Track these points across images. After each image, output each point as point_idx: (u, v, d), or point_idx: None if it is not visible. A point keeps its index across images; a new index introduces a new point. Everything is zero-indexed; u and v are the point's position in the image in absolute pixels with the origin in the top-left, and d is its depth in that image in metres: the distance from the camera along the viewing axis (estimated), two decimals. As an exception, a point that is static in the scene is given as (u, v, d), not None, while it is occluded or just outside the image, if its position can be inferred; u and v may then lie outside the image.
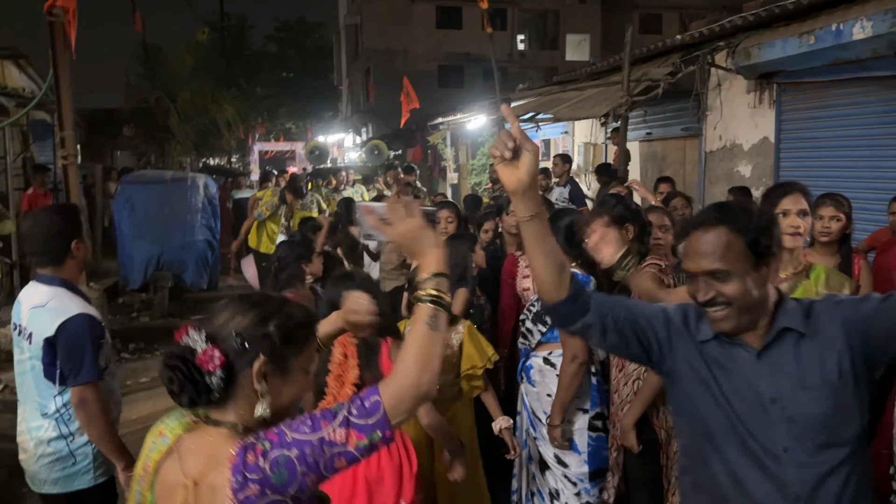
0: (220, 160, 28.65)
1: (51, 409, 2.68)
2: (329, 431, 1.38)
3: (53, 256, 2.72)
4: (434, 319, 1.50)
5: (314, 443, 1.37)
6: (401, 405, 1.43)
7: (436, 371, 1.47)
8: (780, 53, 6.05)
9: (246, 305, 1.52)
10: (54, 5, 6.83)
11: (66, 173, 7.31)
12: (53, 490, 2.73)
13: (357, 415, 1.40)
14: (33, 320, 2.66)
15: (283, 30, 45.16)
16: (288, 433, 1.39)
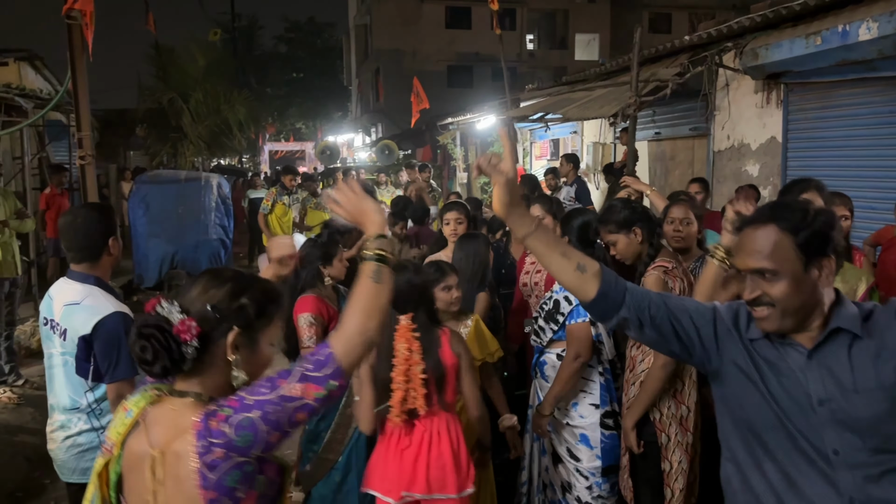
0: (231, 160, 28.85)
1: (83, 403, 2.76)
2: (287, 388, 1.45)
3: (91, 252, 2.77)
4: (377, 273, 1.62)
5: (275, 400, 1.44)
6: (351, 353, 1.53)
7: (380, 319, 1.58)
8: (787, 54, 6.11)
9: (220, 280, 1.59)
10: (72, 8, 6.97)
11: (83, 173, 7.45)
12: (82, 479, 2.77)
13: (312, 368, 1.48)
14: (67, 317, 2.71)
15: (293, 30, 45.34)
16: (247, 397, 1.46)
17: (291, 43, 45.54)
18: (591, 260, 1.84)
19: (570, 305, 3.30)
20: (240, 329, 1.55)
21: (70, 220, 2.81)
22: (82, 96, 7.26)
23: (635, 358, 3.17)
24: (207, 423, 1.44)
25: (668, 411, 3.07)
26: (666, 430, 3.07)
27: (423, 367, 2.80)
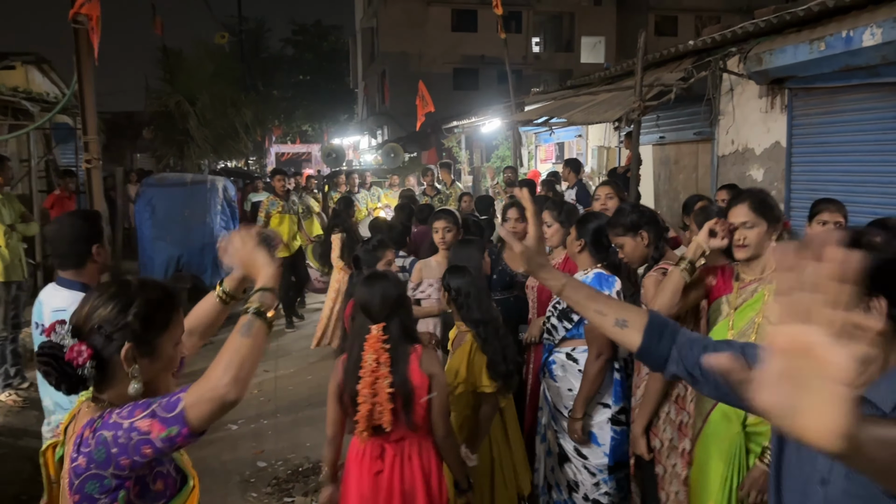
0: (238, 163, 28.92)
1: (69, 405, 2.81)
2: (138, 419, 1.47)
3: (75, 259, 2.84)
4: (247, 327, 1.58)
5: (126, 427, 1.46)
6: (200, 405, 1.47)
7: (243, 377, 1.51)
8: (791, 59, 6.10)
9: (105, 297, 1.62)
10: (79, 13, 7.01)
11: (90, 176, 7.49)
12: None
13: (162, 407, 1.47)
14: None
15: (299, 33, 45.40)
16: (114, 415, 1.49)
17: (298, 46, 45.61)
18: (634, 312, 1.70)
19: None
20: (131, 343, 1.57)
21: (56, 228, 2.90)
22: (88, 100, 7.31)
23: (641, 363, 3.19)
24: (83, 432, 1.50)
25: (665, 416, 3.08)
26: (660, 434, 3.08)
27: (390, 380, 2.67)
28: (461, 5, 33.02)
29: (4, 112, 9.58)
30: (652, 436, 3.10)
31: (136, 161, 17.74)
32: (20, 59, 11.00)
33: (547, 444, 3.59)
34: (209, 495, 4.69)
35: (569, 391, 3.43)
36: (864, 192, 5.80)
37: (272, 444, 5.41)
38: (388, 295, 2.76)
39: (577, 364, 3.45)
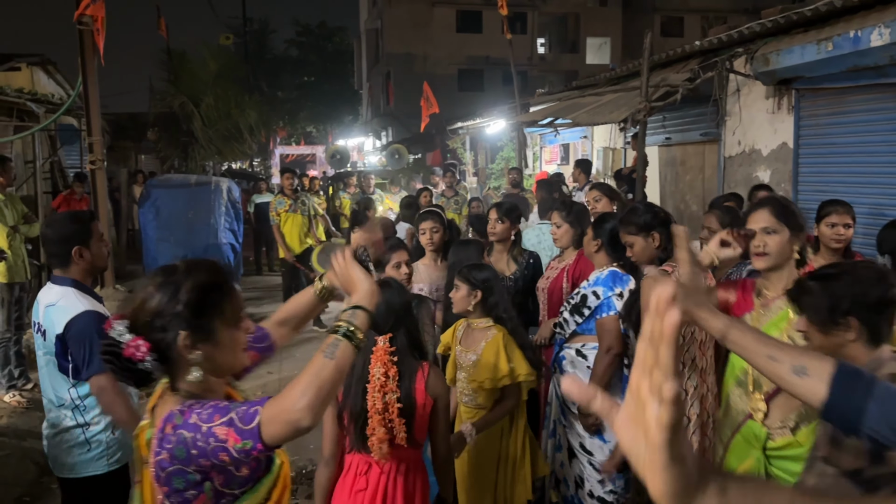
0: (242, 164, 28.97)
1: (67, 399, 2.87)
2: (216, 425, 1.44)
3: (60, 259, 2.93)
4: (332, 348, 1.51)
5: (203, 431, 1.44)
6: (274, 425, 1.43)
7: (319, 400, 1.45)
8: (798, 60, 6.07)
9: (153, 288, 1.57)
10: (84, 14, 7.02)
11: (94, 177, 7.52)
12: (70, 474, 2.93)
13: (239, 418, 1.44)
14: (46, 318, 2.85)
15: (304, 34, 45.48)
16: (194, 415, 1.47)
17: (302, 47, 45.68)
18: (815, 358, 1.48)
19: (597, 300, 3.34)
20: (186, 331, 1.53)
21: (46, 229, 3.03)
22: (93, 101, 7.34)
23: None
24: (164, 426, 1.49)
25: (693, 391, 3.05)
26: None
27: (398, 395, 2.53)
28: (466, 6, 33.02)
29: (10, 113, 9.59)
30: None
31: (141, 162, 17.76)
32: (25, 61, 11.02)
33: (556, 439, 3.58)
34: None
35: None
36: (872, 192, 5.76)
37: (276, 447, 5.38)
38: (392, 303, 2.60)
39: (587, 360, 3.44)
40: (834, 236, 3.68)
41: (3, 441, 5.32)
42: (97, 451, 2.90)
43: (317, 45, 45.24)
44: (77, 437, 2.88)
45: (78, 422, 2.87)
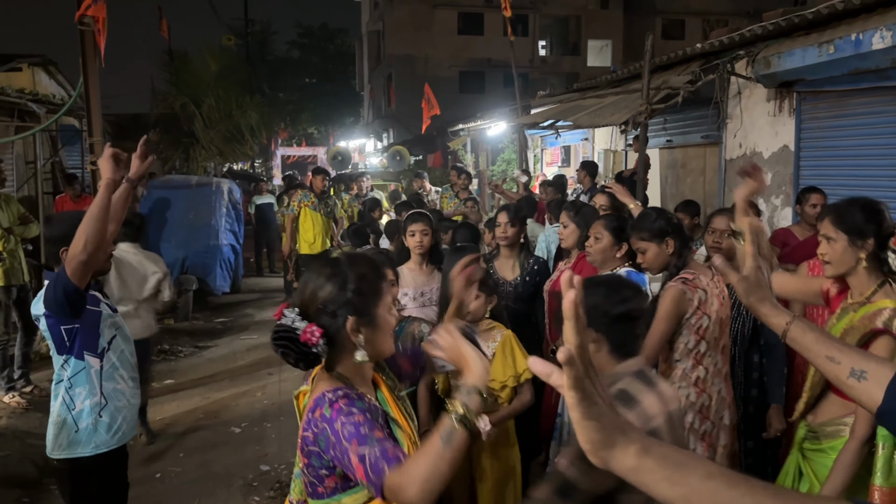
0: (243, 165, 28.97)
1: (63, 377, 3.01)
2: (352, 449, 1.59)
3: (54, 257, 3.08)
4: (449, 435, 1.49)
5: (341, 445, 1.60)
6: (392, 492, 1.53)
7: (432, 487, 1.48)
8: (799, 62, 6.06)
9: (322, 279, 1.75)
10: (85, 14, 7.01)
11: (95, 178, 7.49)
12: (61, 455, 3.02)
13: (371, 462, 1.55)
14: (34, 306, 2.99)
15: (305, 36, 45.53)
16: (338, 422, 1.62)
17: (304, 48, 45.73)
18: (876, 362, 1.46)
19: None
20: (355, 316, 1.71)
21: (43, 229, 3.22)
22: (94, 101, 7.32)
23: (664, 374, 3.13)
24: (315, 408, 1.68)
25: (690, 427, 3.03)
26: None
27: None
28: (467, 8, 33.04)
29: (11, 114, 9.59)
30: None
31: (142, 163, 17.71)
32: (27, 61, 11.02)
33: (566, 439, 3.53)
34: (212, 498, 4.67)
35: None
36: (873, 195, 5.72)
37: (275, 448, 5.38)
38: None
39: None
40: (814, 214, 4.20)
41: (4, 442, 5.32)
42: (84, 435, 3.01)
43: (318, 47, 45.28)
44: (66, 417, 2.99)
45: (66, 402, 2.99)
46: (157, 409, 6.13)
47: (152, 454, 5.31)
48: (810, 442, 2.61)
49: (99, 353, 3.04)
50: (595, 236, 3.62)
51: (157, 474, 5.02)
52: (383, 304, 1.79)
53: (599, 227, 3.66)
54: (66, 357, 2.98)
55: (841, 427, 2.49)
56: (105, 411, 3.04)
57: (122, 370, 3.18)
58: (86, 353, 2.99)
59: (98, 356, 3.04)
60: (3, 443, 5.31)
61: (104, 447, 3.04)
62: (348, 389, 1.72)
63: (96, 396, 3.03)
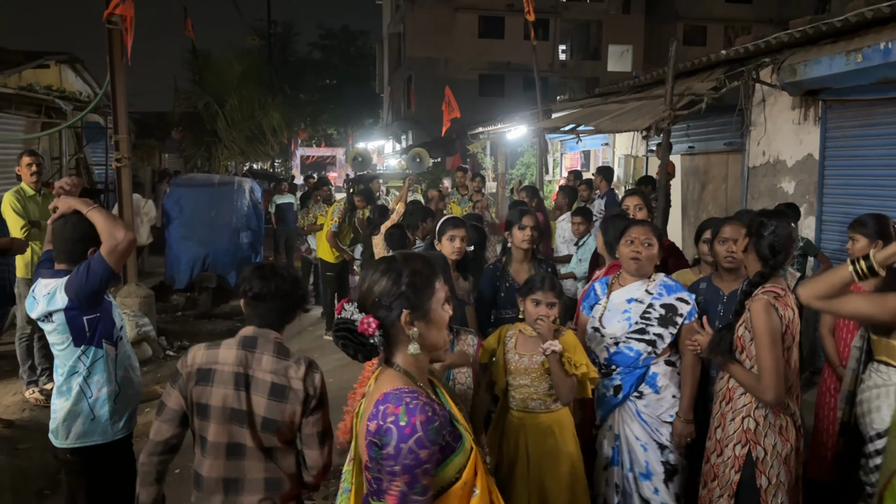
0: (263, 164, 29.16)
1: (79, 367, 3.04)
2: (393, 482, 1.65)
3: (70, 256, 3.07)
4: None
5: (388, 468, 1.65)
6: None
7: None
8: (826, 70, 6.01)
9: (378, 274, 1.83)
10: (113, 13, 7.09)
11: (119, 175, 7.58)
12: (76, 444, 3.06)
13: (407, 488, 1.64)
14: (47, 303, 2.98)
15: (327, 37, 45.79)
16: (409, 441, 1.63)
17: (325, 50, 45.98)
18: None
19: (687, 306, 3.33)
20: (409, 309, 1.78)
21: (61, 225, 3.10)
22: (120, 100, 7.40)
23: (733, 390, 3.03)
24: (385, 401, 1.71)
25: (763, 420, 2.92)
26: (762, 441, 2.91)
27: None
28: (488, 12, 33.07)
29: (38, 110, 9.72)
30: (752, 444, 2.92)
31: (165, 161, 17.91)
32: (54, 59, 11.16)
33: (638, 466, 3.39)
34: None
35: (673, 398, 3.35)
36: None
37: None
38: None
39: (676, 367, 3.39)
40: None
41: (26, 434, 5.39)
42: (100, 422, 3.05)
43: (340, 49, 45.53)
44: (82, 406, 3.03)
45: (83, 391, 3.03)
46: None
47: (172, 450, 5.34)
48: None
49: (114, 341, 3.13)
50: (647, 243, 3.44)
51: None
52: (436, 299, 1.85)
53: (649, 234, 3.47)
54: (84, 347, 3.03)
55: None
56: (119, 399, 3.12)
57: (131, 358, 3.28)
58: (105, 341, 3.07)
59: (114, 344, 3.12)
60: (26, 435, 5.38)
61: (120, 434, 3.12)
62: (417, 390, 1.76)
63: (112, 384, 3.09)
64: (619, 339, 3.41)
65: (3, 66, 8.85)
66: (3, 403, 5.89)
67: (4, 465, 4.85)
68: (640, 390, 3.36)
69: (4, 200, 5.84)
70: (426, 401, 1.71)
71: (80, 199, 3.14)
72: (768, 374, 2.79)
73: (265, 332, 2.54)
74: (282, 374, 2.44)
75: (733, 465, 2.94)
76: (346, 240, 8.66)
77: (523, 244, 4.21)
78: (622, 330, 3.41)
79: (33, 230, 5.94)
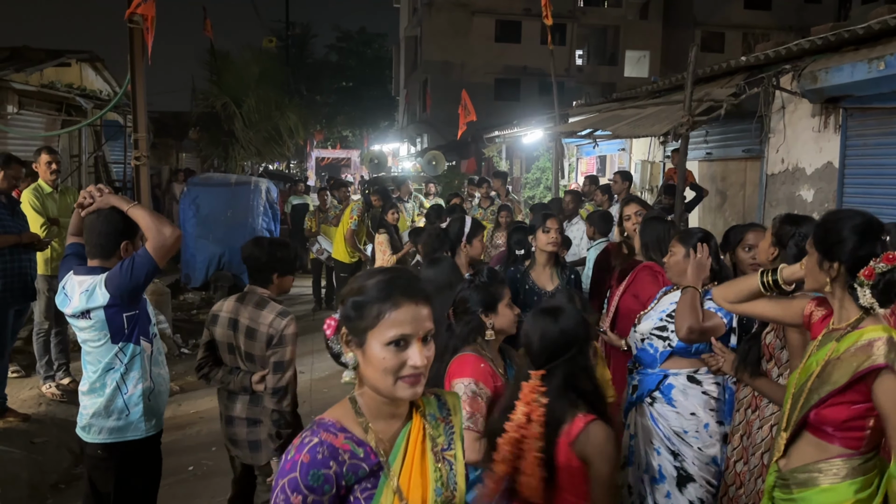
0: (279, 165, 29.29)
1: (116, 364, 3.04)
2: None
3: (103, 250, 3.06)
4: None
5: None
6: None
7: None
8: (847, 78, 5.97)
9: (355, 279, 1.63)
10: (135, 13, 7.14)
11: (138, 173, 7.62)
12: (109, 439, 3.06)
13: None
14: (86, 300, 2.96)
15: (344, 40, 45.93)
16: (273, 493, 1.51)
17: (342, 52, 46.15)
18: None
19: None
20: (346, 330, 1.55)
21: (93, 219, 3.08)
22: (140, 98, 7.44)
23: (760, 398, 2.93)
24: None
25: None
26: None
27: (540, 445, 2.13)
28: (505, 16, 33.07)
29: (59, 108, 9.80)
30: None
31: (182, 160, 18.01)
32: (75, 57, 11.24)
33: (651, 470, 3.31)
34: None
35: (692, 415, 3.21)
36: (920, 216, 5.63)
37: (307, 446, 5.40)
38: (551, 337, 2.22)
39: (701, 386, 3.21)
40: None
41: (42, 429, 5.43)
42: (135, 418, 3.07)
43: (356, 51, 45.67)
44: (117, 402, 3.04)
45: (119, 387, 3.04)
46: (191, 402, 6.21)
47: (186, 447, 5.38)
48: (780, 490, 2.33)
49: (150, 338, 3.15)
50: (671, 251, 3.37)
51: (189, 467, 5.08)
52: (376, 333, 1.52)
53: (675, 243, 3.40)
54: (122, 345, 3.02)
55: (815, 475, 2.22)
56: (153, 395, 3.14)
57: (162, 355, 3.31)
58: (142, 338, 3.07)
59: (150, 341, 3.14)
60: (42, 430, 5.42)
61: (153, 430, 3.14)
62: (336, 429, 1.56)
63: (147, 381, 3.11)
64: (644, 335, 3.37)
65: (26, 63, 8.92)
66: (20, 398, 5.93)
67: (20, 459, 4.89)
68: (653, 395, 3.30)
69: (23, 198, 5.88)
70: (330, 442, 1.49)
71: (120, 196, 3.13)
72: None
73: (254, 288, 3.37)
74: (255, 320, 3.25)
75: (760, 474, 2.86)
76: (362, 240, 8.69)
77: (548, 247, 4.18)
78: (648, 328, 3.37)
79: (52, 228, 5.98)
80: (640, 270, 3.87)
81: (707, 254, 3.21)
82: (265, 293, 3.33)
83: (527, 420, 2.13)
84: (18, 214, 5.55)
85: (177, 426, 5.81)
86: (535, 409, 2.13)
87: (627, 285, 3.91)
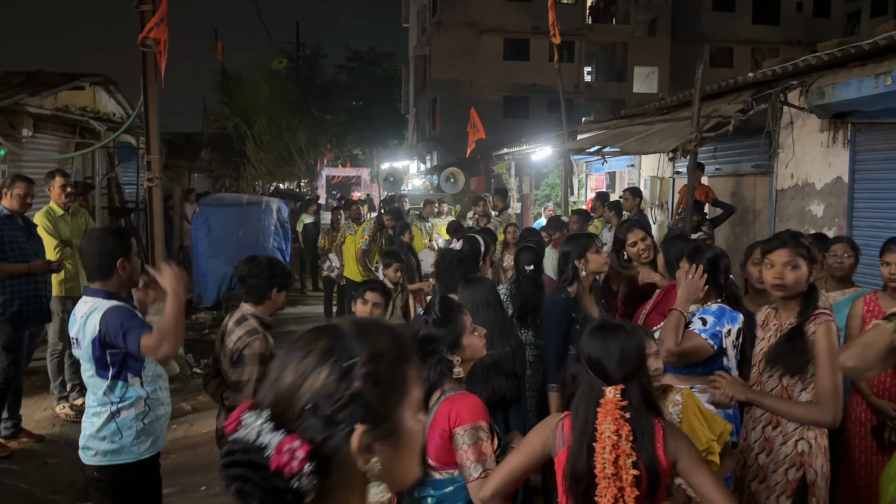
0: (290, 184, 29.47)
1: (105, 400, 3.06)
2: None
3: (101, 272, 3.07)
4: None
5: None
6: None
7: None
8: (855, 93, 5.97)
9: (315, 356, 1.04)
10: (147, 36, 7.25)
11: (150, 194, 7.70)
12: (103, 462, 3.08)
13: None
14: (81, 328, 3.01)
15: (354, 59, 46.34)
16: None
17: (352, 72, 46.54)
18: None
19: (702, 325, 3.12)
20: (365, 425, 1.02)
21: (87, 242, 3.12)
22: (153, 120, 7.54)
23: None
24: None
25: (821, 471, 2.87)
26: (818, 493, 2.85)
27: (633, 459, 2.06)
28: (513, 35, 33.27)
29: (73, 131, 9.92)
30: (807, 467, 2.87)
31: (194, 181, 18.18)
32: (89, 80, 11.38)
33: None
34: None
35: None
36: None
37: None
38: (628, 351, 2.17)
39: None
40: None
41: (56, 449, 5.46)
42: (127, 441, 3.06)
43: (366, 71, 46.05)
44: (110, 425, 3.05)
45: (112, 413, 3.04)
46: (203, 422, 6.23)
47: (198, 466, 5.39)
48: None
49: (140, 375, 3.15)
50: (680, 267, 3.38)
51: (202, 486, 5.09)
52: (409, 402, 1.09)
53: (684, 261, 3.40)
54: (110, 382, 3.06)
55: None
56: (148, 418, 3.13)
57: (162, 379, 3.30)
58: (129, 374, 3.10)
59: (139, 375, 3.14)
60: (56, 450, 5.45)
61: (146, 454, 3.13)
62: None
63: (142, 406, 3.11)
64: None
65: (41, 87, 9.04)
66: (35, 419, 5.98)
67: (35, 479, 4.92)
68: None
69: (36, 220, 5.95)
70: None
71: (177, 289, 3.01)
72: (830, 396, 2.71)
73: (244, 305, 3.47)
74: (230, 336, 3.37)
75: (784, 491, 2.86)
76: (374, 260, 8.71)
77: (604, 267, 4.08)
78: None
79: (66, 249, 6.05)
80: (669, 290, 3.85)
81: (699, 275, 3.18)
82: (250, 310, 3.43)
83: (617, 436, 2.06)
84: (35, 237, 5.62)
85: (189, 446, 5.83)
86: (623, 426, 2.06)
87: (655, 304, 3.85)
